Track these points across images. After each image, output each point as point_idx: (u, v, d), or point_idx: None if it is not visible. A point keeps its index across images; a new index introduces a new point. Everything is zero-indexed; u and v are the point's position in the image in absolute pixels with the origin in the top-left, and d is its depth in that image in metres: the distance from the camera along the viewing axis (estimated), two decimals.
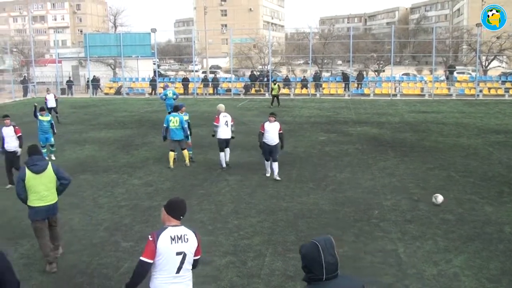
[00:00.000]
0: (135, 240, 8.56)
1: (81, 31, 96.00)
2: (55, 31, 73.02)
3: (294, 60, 53.46)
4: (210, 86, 40.61)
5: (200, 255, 4.74)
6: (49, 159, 13.79)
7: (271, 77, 38.15)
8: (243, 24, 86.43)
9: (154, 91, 40.13)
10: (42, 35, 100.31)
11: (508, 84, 37.46)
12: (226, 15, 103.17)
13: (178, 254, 4.45)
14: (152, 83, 40.89)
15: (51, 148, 15.41)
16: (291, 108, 29.67)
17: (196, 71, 47.48)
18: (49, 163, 7.58)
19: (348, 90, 38.43)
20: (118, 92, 41.60)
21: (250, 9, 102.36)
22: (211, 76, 45.03)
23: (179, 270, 4.48)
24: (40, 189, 7.31)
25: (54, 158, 15.12)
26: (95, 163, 14.96)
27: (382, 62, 47.96)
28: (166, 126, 13.98)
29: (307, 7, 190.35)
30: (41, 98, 26.96)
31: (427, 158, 14.93)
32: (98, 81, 41.77)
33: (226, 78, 43.90)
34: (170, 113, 14.68)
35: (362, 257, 7.81)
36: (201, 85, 40.46)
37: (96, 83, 41.55)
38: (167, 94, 22.34)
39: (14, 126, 12.64)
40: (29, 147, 7.69)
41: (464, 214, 9.75)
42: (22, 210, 8.58)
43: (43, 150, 13.86)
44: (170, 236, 4.45)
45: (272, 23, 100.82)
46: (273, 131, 12.37)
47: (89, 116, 26.78)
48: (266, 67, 44.05)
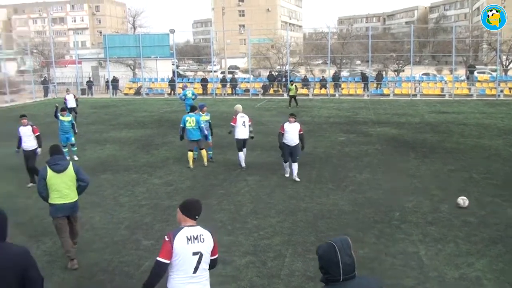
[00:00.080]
0: (155, 238, 8.63)
1: (100, 33, 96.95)
2: (75, 32, 73.72)
3: (313, 60, 53.29)
4: (228, 86, 40.74)
5: (217, 255, 4.73)
6: (71, 159, 13.95)
7: (289, 77, 38.10)
8: (260, 24, 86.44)
9: (173, 92, 40.38)
10: (61, 36, 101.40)
11: None
12: (244, 15, 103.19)
13: (194, 254, 4.46)
14: (171, 83, 41.16)
15: (72, 148, 15.57)
16: (310, 108, 29.59)
17: (215, 71, 47.64)
18: (70, 162, 7.70)
19: (367, 90, 38.17)
20: (137, 92, 41.94)
21: (268, 9, 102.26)
22: (229, 76, 45.14)
23: (196, 270, 4.49)
24: (61, 187, 7.43)
25: (76, 158, 15.28)
26: (115, 163, 15.12)
27: (401, 62, 47.49)
28: (182, 126, 14.10)
29: (325, 7, 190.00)
30: (61, 98, 27.29)
31: (448, 159, 14.77)
32: (117, 81, 42.18)
33: (245, 79, 43.95)
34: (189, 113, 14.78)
35: (383, 259, 7.76)
36: (219, 85, 40.62)
37: (115, 84, 41.97)
38: (186, 94, 22.48)
39: (32, 126, 12.77)
40: (51, 146, 7.81)
41: (486, 217, 9.62)
42: (44, 208, 8.71)
43: (64, 150, 14.03)
44: (186, 236, 4.45)
45: (290, 23, 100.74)
46: (293, 131, 12.31)
47: (109, 116, 27.07)
48: (284, 67, 43.97)
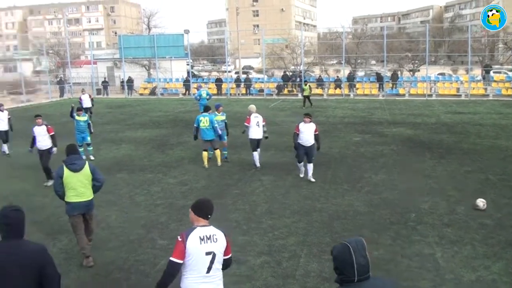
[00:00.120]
0: (171, 238, 8.66)
1: (115, 33, 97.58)
2: (90, 33, 74.39)
3: (327, 60, 53.13)
4: (242, 86, 40.79)
5: (230, 254, 4.73)
6: (87, 159, 14.07)
7: (304, 77, 38.03)
8: (275, 24, 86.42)
9: (187, 92, 40.54)
10: (77, 37, 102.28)
11: None
12: (258, 15, 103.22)
13: (207, 254, 4.47)
14: (186, 83, 41.31)
15: (88, 148, 15.69)
16: (325, 108, 29.51)
17: (229, 71, 47.73)
18: (86, 162, 7.82)
19: (383, 90, 37.97)
20: (152, 92, 42.17)
21: (282, 9, 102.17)
22: (243, 76, 45.19)
23: (209, 270, 4.50)
24: (77, 186, 7.55)
25: (92, 158, 15.41)
26: (131, 162, 15.22)
27: (417, 62, 47.10)
28: (196, 126, 14.17)
29: (340, 7, 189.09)
30: (76, 98, 27.54)
31: (464, 160, 14.63)
32: (132, 82, 42.46)
33: (259, 79, 43.97)
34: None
35: (399, 260, 7.70)
36: (233, 85, 40.69)
37: (130, 84, 42.25)
38: (201, 95, 22.62)
39: (47, 125, 12.91)
40: (67, 146, 7.92)
41: (502, 219, 9.49)
42: (60, 207, 8.81)
43: (80, 149, 14.15)
44: (199, 236, 4.47)
45: (304, 23, 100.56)
46: (308, 132, 12.27)
47: (124, 116, 27.26)
48: (299, 67, 43.91)
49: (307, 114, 12.65)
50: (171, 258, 4.45)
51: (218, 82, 41.46)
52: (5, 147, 16.80)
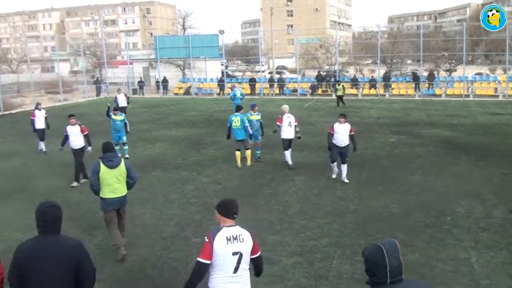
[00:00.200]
0: (204, 236, 8.68)
1: (151, 34, 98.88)
2: (126, 34, 75.65)
3: (362, 60, 52.56)
4: (276, 86, 40.75)
5: (259, 253, 4.72)
6: (122, 157, 14.28)
7: (338, 77, 37.72)
8: (309, 24, 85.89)
9: (222, 91, 40.79)
10: (113, 38, 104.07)
11: None
12: (292, 15, 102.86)
13: (234, 254, 4.49)
14: (220, 83, 41.59)
15: (124, 147, 15.93)
16: (359, 108, 29.21)
17: (263, 71, 47.77)
18: (122, 159, 8.08)
19: (419, 90, 37.31)
20: (187, 92, 42.61)
21: (317, 9, 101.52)
22: (277, 76, 45.15)
23: (236, 270, 4.52)
24: (113, 182, 7.79)
25: (127, 156, 15.65)
26: (165, 161, 15.41)
27: (453, 61, 46.12)
28: (229, 126, 14.27)
29: (375, 5, 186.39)
30: (112, 98, 28.03)
31: (501, 163, 14.21)
32: (167, 81, 42.96)
33: (292, 79, 43.86)
34: None
35: (433, 264, 7.55)
36: (267, 85, 40.70)
37: (165, 84, 42.77)
38: (235, 94, 22.82)
39: (80, 125, 13.11)
40: (104, 143, 8.17)
41: None
42: (96, 203, 8.99)
43: (116, 148, 14.38)
44: (226, 237, 4.50)
45: (339, 23, 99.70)
46: (343, 132, 12.17)
47: (159, 115, 27.62)
48: (333, 67, 43.59)
49: (342, 114, 12.56)
50: (199, 259, 4.50)
51: (252, 82, 41.55)
52: (42, 145, 17.25)
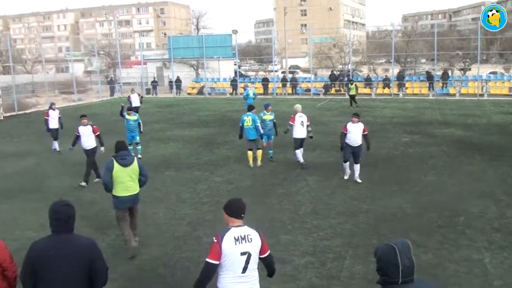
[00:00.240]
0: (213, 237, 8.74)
1: (165, 34, 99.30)
2: (140, 34, 75.93)
3: (376, 59, 52.28)
4: (288, 86, 40.69)
5: (268, 252, 4.72)
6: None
7: (352, 76, 37.55)
8: (323, 23, 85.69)
9: (235, 91, 40.86)
10: (127, 38, 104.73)
11: None
12: (305, 15, 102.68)
13: (242, 254, 4.49)
14: (233, 83, 41.66)
15: (137, 147, 15.97)
16: (373, 108, 29.07)
17: (276, 71, 47.77)
18: (135, 158, 8.19)
19: (433, 89, 37.03)
20: (200, 92, 42.74)
21: (330, 8, 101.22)
22: (289, 76, 45.10)
23: (244, 270, 4.52)
24: (126, 180, 7.90)
25: (140, 156, 15.73)
26: (178, 160, 15.48)
27: (468, 60, 45.67)
28: (241, 125, 14.32)
29: (389, 4, 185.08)
30: (125, 98, 28.21)
31: None
32: (181, 81, 43.13)
33: (305, 78, 43.78)
34: None
35: (446, 265, 7.49)
36: (280, 85, 40.66)
37: (179, 84, 42.94)
38: (248, 94, 22.89)
39: (92, 126, 13.15)
40: (117, 142, 8.27)
41: None
42: (108, 202, 9.04)
43: (129, 148, 14.46)
44: (234, 237, 4.49)
45: (353, 22, 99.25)
46: (356, 132, 12.12)
47: (173, 115, 27.74)
48: (347, 66, 43.42)
49: (355, 114, 12.51)
50: (207, 259, 4.50)
51: (265, 81, 41.56)
52: (55, 145, 17.42)
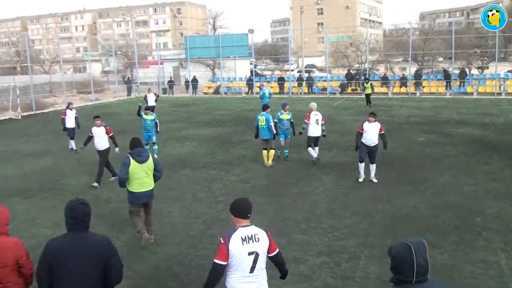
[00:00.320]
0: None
1: (181, 34, 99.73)
2: (157, 34, 76.31)
3: (393, 58, 51.92)
4: (304, 85, 40.60)
5: (276, 251, 4.72)
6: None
7: (368, 75, 37.34)
8: (339, 22, 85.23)
9: (250, 90, 40.91)
10: (144, 38, 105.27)
11: None
12: (322, 13, 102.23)
13: (250, 254, 4.50)
14: (249, 82, 41.72)
15: (153, 146, 16.03)
16: (389, 107, 28.89)
17: (292, 70, 47.72)
18: (149, 154, 8.42)
19: (450, 88, 36.66)
20: (216, 91, 42.88)
21: (347, 6, 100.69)
22: (306, 75, 45.01)
23: (252, 270, 4.53)
24: (142, 175, 8.13)
25: (156, 156, 15.81)
26: (194, 159, 15.56)
27: (485, 59, 45.10)
28: (256, 125, 14.37)
29: (407, 2, 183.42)
30: (142, 97, 28.43)
31: None
32: (197, 81, 43.31)
33: (322, 77, 43.65)
34: None
35: (462, 266, 7.42)
36: (295, 84, 40.61)
37: (195, 83, 43.12)
38: (265, 93, 22.98)
39: (105, 127, 13.21)
40: (132, 139, 8.43)
41: None
42: (124, 201, 9.09)
43: (146, 147, 14.57)
44: (241, 237, 4.50)
45: (369, 20, 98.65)
46: (372, 131, 12.02)
47: (189, 115, 27.88)
48: (363, 65, 43.18)
49: (372, 113, 12.42)
50: (215, 260, 4.52)
51: (281, 81, 41.53)
52: (72, 144, 17.62)
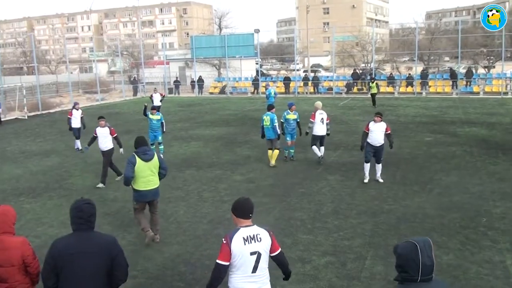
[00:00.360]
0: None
1: (187, 34, 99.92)
2: (163, 34, 76.52)
3: (399, 57, 51.76)
4: (310, 85, 40.56)
5: (279, 250, 4.72)
6: None
7: (375, 75, 37.23)
8: (345, 21, 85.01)
9: (256, 90, 40.92)
10: (150, 38, 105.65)
11: None
12: (328, 13, 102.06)
13: (252, 254, 4.49)
14: (255, 82, 41.72)
15: (159, 146, 16.08)
16: (395, 107, 28.82)
17: (297, 70, 47.67)
18: (155, 152, 8.52)
19: (456, 88, 36.51)
20: (222, 91, 42.91)
21: (353, 6, 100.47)
22: (311, 75, 44.97)
23: (255, 270, 4.53)
24: (147, 174, 8.23)
25: (162, 156, 15.84)
26: (200, 159, 15.59)
27: (492, 58, 44.86)
28: (262, 125, 14.41)
29: (413, 2, 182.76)
30: (147, 97, 28.48)
31: None
32: (203, 81, 43.38)
33: (328, 77, 43.60)
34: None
35: (467, 266, 7.40)
36: (301, 84, 40.58)
37: (201, 83, 43.19)
38: (271, 93, 23.02)
39: (110, 127, 13.19)
40: (136, 138, 8.53)
41: None
42: (130, 200, 9.14)
43: (152, 147, 14.61)
44: (243, 237, 4.49)
45: (375, 20, 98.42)
46: (378, 131, 11.98)
47: (194, 114, 27.93)
48: (369, 65, 43.09)
49: (378, 113, 12.38)
50: (217, 261, 4.51)
51: (286, 80, 41.51)
52: (78, 143, 17.69)
